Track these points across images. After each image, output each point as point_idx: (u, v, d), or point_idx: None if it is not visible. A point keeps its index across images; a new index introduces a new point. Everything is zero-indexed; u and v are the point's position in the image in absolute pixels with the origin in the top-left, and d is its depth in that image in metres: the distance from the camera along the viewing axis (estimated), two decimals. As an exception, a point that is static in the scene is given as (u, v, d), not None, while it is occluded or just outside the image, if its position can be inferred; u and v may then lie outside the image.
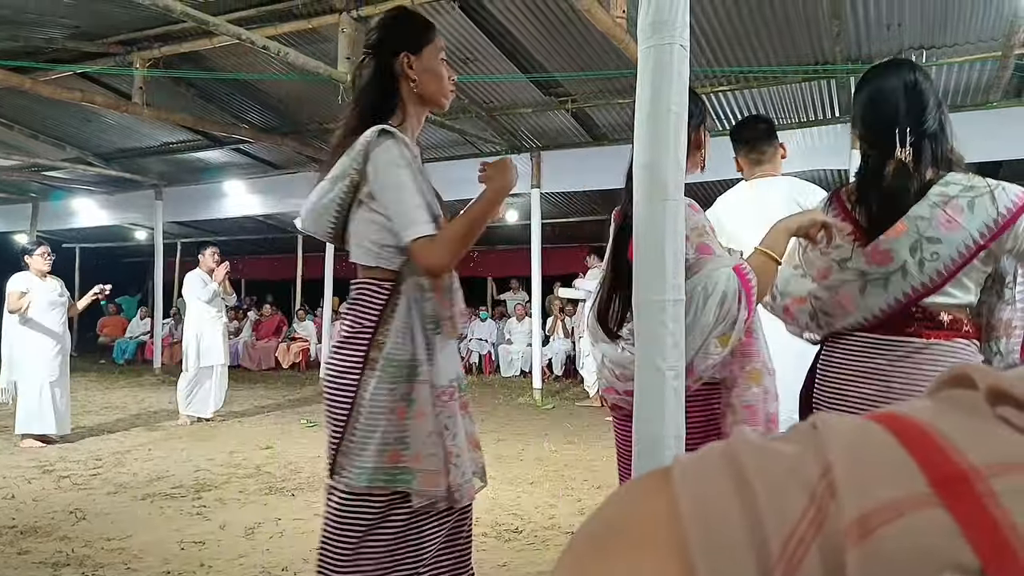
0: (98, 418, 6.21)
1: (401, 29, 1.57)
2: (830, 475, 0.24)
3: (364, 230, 1.48)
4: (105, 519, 3.27)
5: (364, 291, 1.50)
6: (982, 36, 4.93)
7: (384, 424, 1.42)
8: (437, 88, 1.57)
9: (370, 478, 1.41)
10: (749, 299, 1.43)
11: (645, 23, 1.44)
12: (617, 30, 4.06)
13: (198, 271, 6.13)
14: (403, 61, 1.52)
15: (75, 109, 7.06)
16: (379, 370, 1.43)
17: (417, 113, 1.58)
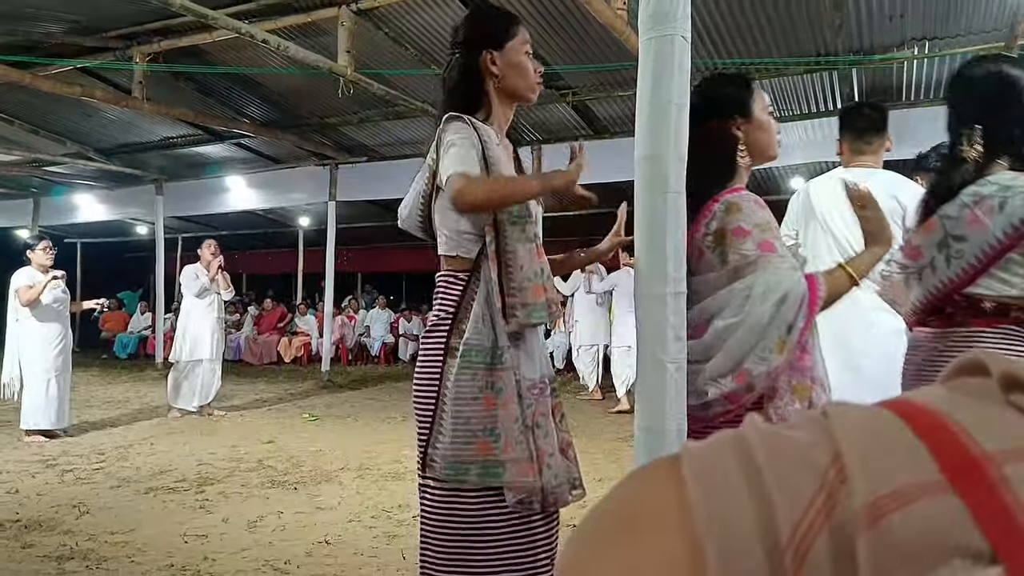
0: (100, 412, 6.23)
1: (482, 26, 1.58)
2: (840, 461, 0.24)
3: (442, 218, 1.50)
4: (108, 513, 3.28)
5: (444, 282, 1.51)
6: (985, 27, 4.91)
7: (469, 413, 1.41)
8: (523, 83, 1.57)
9: (459, 470, 1.39)
10: (811, 309, 1.36)
11: (646, 14, 1.43)
12: (617, 22, 4.04)
13: (196, 265, 6.15)
14: (486, 59, 1.53)
15: (75, 104, 7.04)
16: (459, 357, 1.43)
17: (504, 108, 1.58)
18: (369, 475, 4.00)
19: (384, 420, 5.94)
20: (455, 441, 1.40)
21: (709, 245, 1.43)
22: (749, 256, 1.38)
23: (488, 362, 1.42)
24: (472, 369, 1.42)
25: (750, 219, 1.41)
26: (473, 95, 1.54)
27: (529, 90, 1.58)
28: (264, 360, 10.97)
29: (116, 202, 10.44)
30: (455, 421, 1.41)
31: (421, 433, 1.47)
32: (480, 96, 1.54)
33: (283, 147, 8.44)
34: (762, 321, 1.33)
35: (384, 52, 5.83)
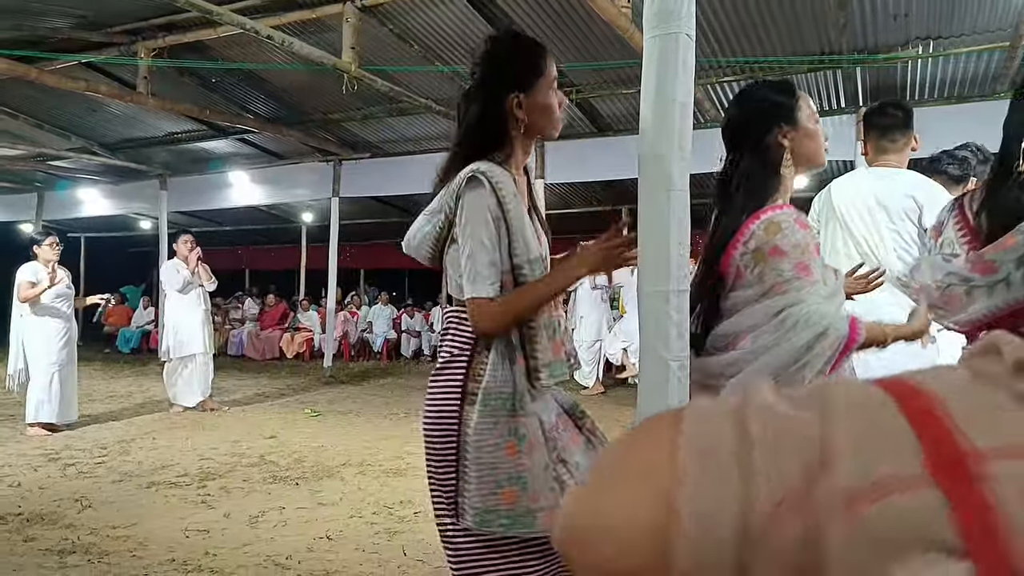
0: (103, 407, 6.25)
1: (510, 67, 1.48)
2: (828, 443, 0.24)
3: (454, 265, 1.46)
4: (111, 507, 3.29)
5: (454, 319, 1.45)
6: (990, 26, 4.89)
7: (493, 461, 1.35)
8: (547, 123, 1.50)
9: (487, 520, 1.34)
10: (846, 349, 1.38)
11: (651, 12, 1.43)
12: (621, 19, 4.04)
13: (174, 260, 6.11)
14: (512, 103, 1.44)
15: (80, 99, 7.05)
16: (479, 404, 1.36)
17: (524, 144, 1.52)
18: (371, 471, 4.01)
19: (386, 416, 5.95)
20: (481, 490, 1.35)
21: (747, 264, 1.43)
22: (785, 275, 1.38)
23: (510, 409, 1.36)
24: (494, 417, 1.36)
25: (789, 239, 1.40)
26: (496, 135, 1.47)
27: (552, 128, 1.52)
28: (266, 356, 10.99)
29: (120, 197, 10.46)
30: (479, 469, 1.35)
31: (445, 479, 1.40)
32: (501, 135, 1.47)
33: (287, 143, 8.44)
34: (796, 346, 1.34)
35: (388, 48, 5.83)
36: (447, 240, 1.47)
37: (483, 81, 1.48)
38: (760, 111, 1.50)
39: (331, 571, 2.54)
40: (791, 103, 1.50)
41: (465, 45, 5.72)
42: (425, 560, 2.64)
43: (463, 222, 1.40)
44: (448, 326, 1.47)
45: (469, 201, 1.39)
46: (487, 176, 1.38)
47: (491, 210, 1.38)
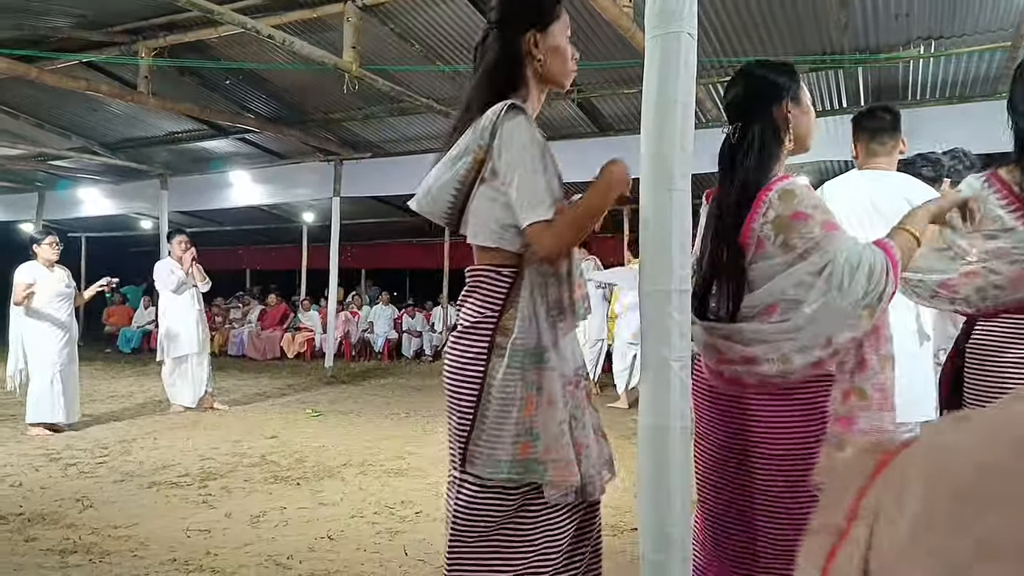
0: (104, 407, 6.25)
1: (529, 4, 1.49)
2: None
3: (486, 209, 1.43)
4: (112, 507, 3.29)
5: (484, 277, 1.45)
6: (991, 26, 4.88)
7: (515, 414, 1.38)
8: (561, 68, 1.50)
9: (500, 469, 1.38)
10: (895, 271, 1.42)
11: (652, 12, 1.42)
12: (623, 19, 4.03)
13: (167, 260, 6.08)
14: (530, 40, 1.46)
15: (81, 98, 7.06)
16: (506, 357, 1.39)
17: (538, 91, 1.52)
18: (372, 471, 4.01)
19: (387, 416, 5.95)
20: (499, 440, 1.38)
21: (768, 234, 1.47)
22: (816, 236, 1.43)
23: (535, 363, 1.39)
24: (520, 370, 1.38)
25: (807, 202, 1.46)
26: (513, 77, 1.46)
27: (565, 76, 1.52)
28: (267, 355, 10.99)
29: (121, 196, 10.46)
30: (499, 421, 1.39)
31: (461, 429, 1.43)
32: (518, 76, 1.47)
33: (288, 143, 8.45)
34: (856, 299, 1.39)
35: (390, 48, 5.82)
36: (474, 182, 1.44)
37: (500, 21, 1.49)
38: (770, 85, 1.57)
39: (332, 571, 2.54)
40: (795, 83, 1.58)
41: (466, 44, 5.71)
42: (426, 560, 2.64)
43: (507, 151, 1.38)
44: (475, 285, 1.47)
45: (514, 128, 1.37)
46: (526, 109, 1.41)
47: (537, 136, 1.39)
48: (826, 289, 1.40)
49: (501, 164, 1.38)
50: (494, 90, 1.44)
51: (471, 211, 1.47)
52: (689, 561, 1.40)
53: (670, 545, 1.35)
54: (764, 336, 1.46)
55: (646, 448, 1.40)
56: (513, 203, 1.37)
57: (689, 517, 1.40)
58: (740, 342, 1.49)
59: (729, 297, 1.54)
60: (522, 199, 1.36)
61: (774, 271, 1.47)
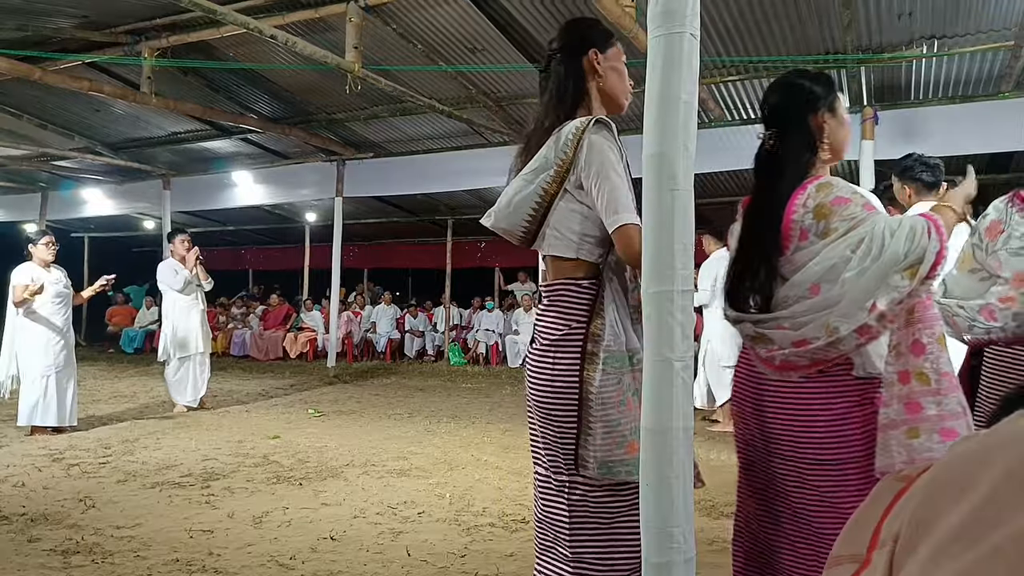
0: (107, 407, 6.26)
1: (589, 30, 1.64)
2: None
3: (566, 220, 1.51)
4: (114, 507, 3.30)
5: (565, 291, 1.52)
6: (994, 26, 4.87)
7: (617, 416, 1.46)
8: (620, 85, 1.62)
9: (613, 469, 1.46)
10: (939, 233, 1.42)
11: (655, 11, 1.42)
12: (625, 19, 4.03)
13: (170, 260, 6.06)
14: (592, 58, 1.58)
15: (84, 99, 7.08)
16: (601, 363, 1.46)
17: (601, 111, 1.61)
18: (374, 471, 4.01)
19: (390, 416, 5.95)
20: (607, 444, 1.45)
21: (810, 224, 1.51)
22: (858, 216, 1.47)
23: (628, 366, 1.47)
24: (616, 375, 1.46)
25: (846, 190, 1.51)
26: (578, 94, 1.57)
27: (624, 95, 1.63)
28: (270, 356, 11.00)
29: (123, 197, 10.49)
30: (606, 425, 1.46)
31: (565, 437, 1.49)
32: (584, 95, 1.58)
33: (290, 143, 8.46)
34: (898, 254, 1.40)
35: (392, 48, 5.83)
36: (555, 195, 1.51)
37: (562, 47, 1.61)
38: (807, 94, 1.61)
39: (335, 571, 2.54)
40: (832, 94, 1.62)
41: (467, 45, 5.72)
42: (429, 561, 2.64)
43: (594, 163, 1.46)
44: (557, 297, 1.53)
45: (599, 140, 1.47)
46: (610, 123, 1.49)
47: (618, 149, 1.48)
48: (866, 253, 1.43)
49: (588, 174, 1.46)
50: (563, 108, 1.56)
51: (550, 224, 1.54)
52: (692, 563, 1.39)
53: (672, 547, 1.34)
54: (810, 313, 1.49)
55: (648, 449, 1.39)
56: (601, 209, 1.45)
57: (691, 519, 1.40)
58: (791, 327, 1.52)
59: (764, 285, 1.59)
60: (612, 204, 1.43)
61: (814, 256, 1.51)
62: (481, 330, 10.82)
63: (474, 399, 7.02)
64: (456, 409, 6.33)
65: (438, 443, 4.80)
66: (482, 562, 2.63)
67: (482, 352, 10.60)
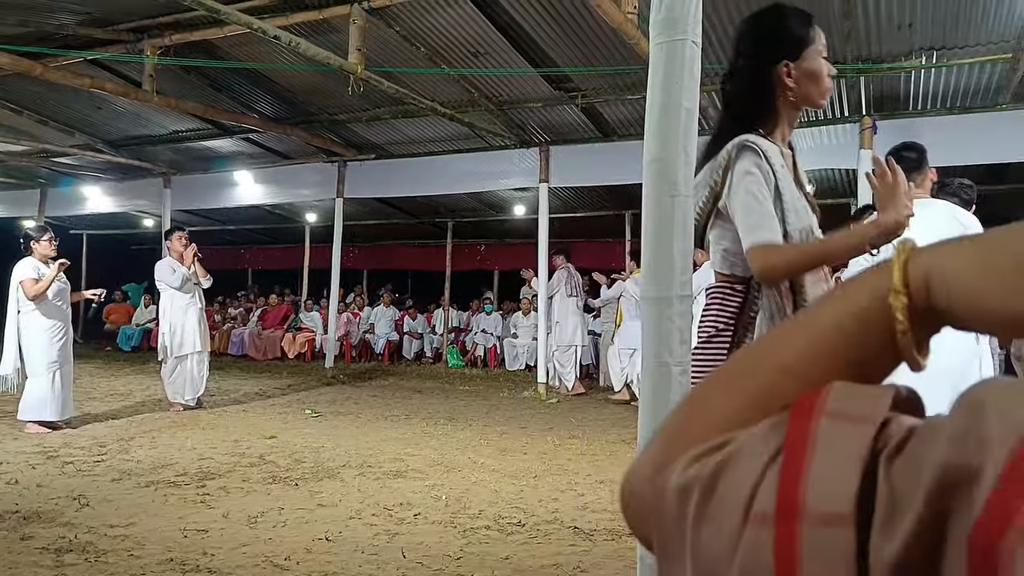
0: (103, 405, 6.25)
1: (780, 34, 1.45)
2: None
3: (719, 238, 1.50)
4: (108, 505, 3.29)
5: (718, 295, 1.50)
6: (992, 38, 4.90)
7: None
8: (816, 90, 1.45)
9: None
10: None
11: (657, 19, 1.43)
12: (628, 26, 4.05)
13: (167, 258, 6.04)
14: (782, 72, 1.42)
15: (85, 95, 7.08)
16: None
17: (789, 116, 1.50)
18: (371, 472, 4.01)
19: (387, 417, 5.95)
20: None
21: None
22: None
23: None
24: None
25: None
26: (763, 109, 1.46)
27: (821, 96, 1.47)
28: (268, 356, 10.99)
29: (123, 194, 10.48)
30: None
31: None
32: (768, 107, 1.46)
33: (292, 143, 8.46)
34: None
35: (395, 51, 5.84)
36: (711, 214, 1.49)
37: (750, 54, 1.46)
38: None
39: (330, 572, 2.53)
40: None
41: (470, 49, 5.73)
42: (424, 563, 2.64)
43: (735, 184, 1.40)
44: (712, 302, 1.51)
45: (741, 165, 1.40)
46: (757, 144, 1.40)
47: (763, 172, 1.40)
48: None
49: (729, 199, 1.42)
50: (746, 121, 1.45)
51: (708, 238, 1.53)
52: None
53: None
54: None
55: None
56: (739, 230, 1.41)
57: None
58: None
59: None
60: (746, 224, 1.39)
61: None
62: (479, 332, 10.82)
63: (472, 401, 7.01)
64: (453, 411, 6.32)
65: (435, 445, 4.80)
66: (477, 564, 2.63)
67: (480, 355, 10.59)
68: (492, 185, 8.46)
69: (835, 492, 0.27)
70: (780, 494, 0.27)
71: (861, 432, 0.28)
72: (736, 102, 1.47)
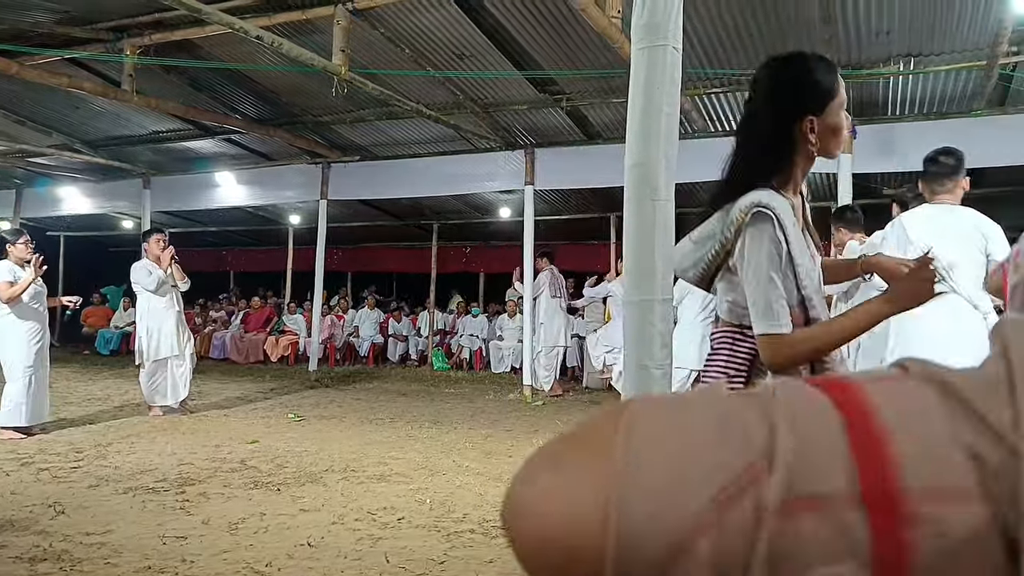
0: (80, 410, 6.15)
1: (807, 87, 1.38)
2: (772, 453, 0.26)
3: (727, 290, 1.47)
4: (85, 513, 3.23)
5: (726, 339, 1.47)
6: (967, 46, 4.99)
7: None
8: (834, 144, 1.41)
9: None
10: None
11: (639, 24, 1.43)
12: (612, 30, 4.06)
13: (144, 260, 5.96)
14: (806, 126, 1.36)
15: (62, 95, 6.97)
16: None
17: (804, 167, 1.44)
18: (354, 477, 3.98)
19: (371, 421, 5.91)
20: None
21: None
22: None
23: None
24: None
25: None
26: (782, 160, 1.40)
27: (837, 149, 1.42)
28: (250, 359, 10.88)
29: (102, 195, 10.33)
30: None
31: None
32: (788, 161, 1.40)
33: (275, 144, 8.39)
34: None
35: (379, 52, 5.82)
36: (719, 267, 1.45)
37: (772, 104, 1.40)
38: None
39: (311, 579, 2.51)
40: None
41: (455, 51, 5.72)
42: (408, 567, 2.62)
43: (747, 256, 1.36)
44: (720, 347, 1.48)
45: (754, 236, 1.35)
46: (772, 210, 1.33)
47: (776, 245, 1.34)
48: None
49: (741, 266, 1.38)
50: (762, 170, 1.39)
51: (714, 289, 1.51)
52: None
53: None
54: None
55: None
56: (749, 307, 1.38)
57: None
58: None
59: None
60: (758, 308, 1.35)
61: None
62: (465, 335, 10.79)
63: (457, 404, 6.99)
64: (438, 414, 6.30)
65: (419, 448, 4.78)
66: (462, 568, 2.62)
67: (466, 357, 10.57)
68: (477, 187, 8.45)
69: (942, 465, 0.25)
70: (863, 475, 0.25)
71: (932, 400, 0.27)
72: (752, 150, 1.41)
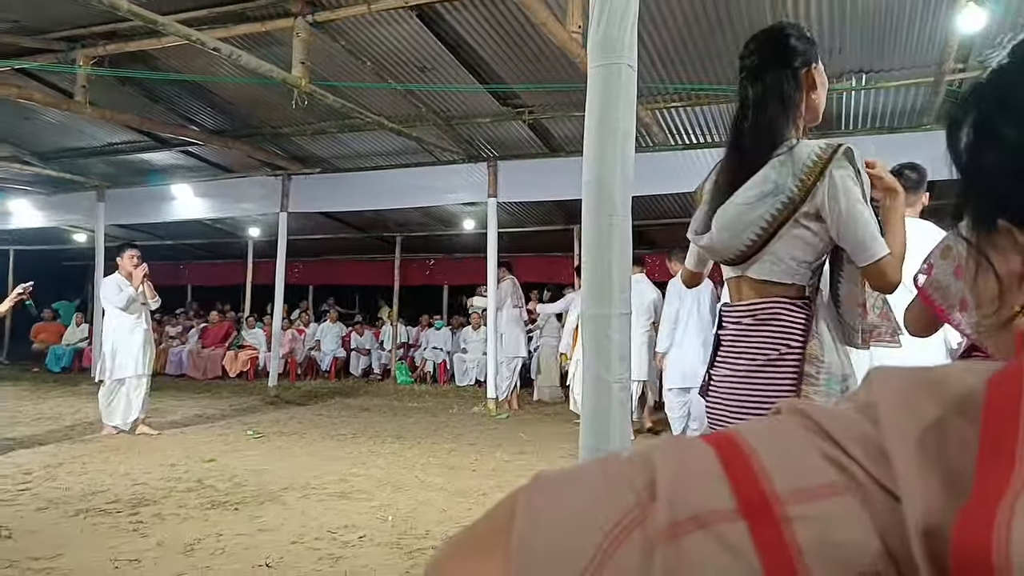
0: (28, 429, 5.91)
1: (804, 41, 1.53)
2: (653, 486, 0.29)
3: (788, 247, 1.45)
4: (33, 537, 3.10)
5: (780, 310, 1.46)
6: (916, 63, 5.20)
7: None
8: (821, 103, 1.56)
9: None
10: None
11: (595, 41, 1.46)
12: (572, 44, 4.12)
13: (116, 276, 5.82)
14: (812, 73, 1.51)
15: (11, 106, 6.75)
16: (822, 384, 1.42)
17: (809, 118, 1.56)
18: (315, 494, 3.90)
19: (333, 437, 5.82)
20: None
21: None
22: None
23: (841, 389, 1.45)
24: (829, 397, 1.42)
25: None
26: (797, 113, 1.51)
27: (821, 108, 1.57)
28: (208, 375, 10.62)
29: (54, 208, 10.01)
30: None
31: None
32: (798, 114, 1.51)
33: (233, 156, 8.26)
34: None
35: (340, 64, 5.79)
36: (784, 222, 1.43)
37: (785, 59, 1.50)
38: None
39: (270, 600, 2.45)
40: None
41: (417, 64, 5.73)
42: (369, 586, 2.58)
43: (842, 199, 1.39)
44: (774, 315, 1.46)
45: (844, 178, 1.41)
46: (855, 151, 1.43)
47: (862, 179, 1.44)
48: None
49: (834, 211, 1.40)
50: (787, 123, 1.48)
51: (769, 250, 1.46)
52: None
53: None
54: None
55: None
56: (854, 246, 1.42)
57: None
58: None
59: None
60: (867, 234, 1.40)
61: None
62: (429, 348, 10.73)
63: (420, 419, 6.93)
64: (401, 429, 6.24)
65: (382, 464, 4.72)
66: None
67: (430, 371, 10.50)
68: (440, 199, 8.44)
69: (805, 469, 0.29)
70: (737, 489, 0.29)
71: None
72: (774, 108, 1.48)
